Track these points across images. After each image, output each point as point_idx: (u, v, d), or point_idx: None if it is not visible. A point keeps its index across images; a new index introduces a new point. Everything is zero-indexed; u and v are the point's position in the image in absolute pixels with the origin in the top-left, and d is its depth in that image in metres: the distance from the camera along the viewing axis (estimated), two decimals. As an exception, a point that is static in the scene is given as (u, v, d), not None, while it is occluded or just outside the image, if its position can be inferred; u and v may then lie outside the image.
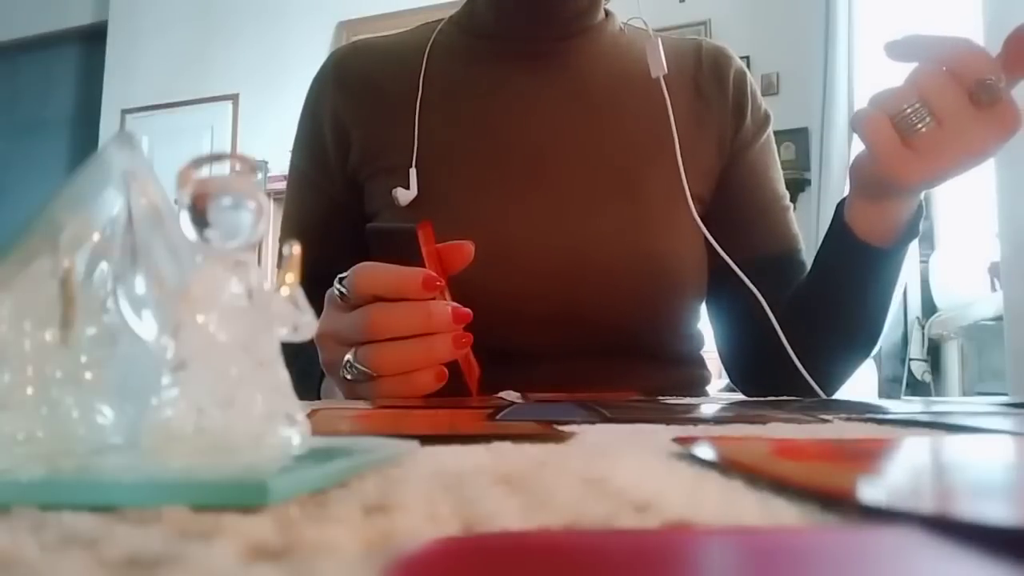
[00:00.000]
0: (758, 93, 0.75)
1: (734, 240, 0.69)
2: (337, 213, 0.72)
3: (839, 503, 0.13)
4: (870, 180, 0.56)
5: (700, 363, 0.74)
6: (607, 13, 0.76)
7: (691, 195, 0.67)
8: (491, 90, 0.70)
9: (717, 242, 0.67)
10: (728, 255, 0.66)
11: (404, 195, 0.66)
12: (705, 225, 0.69)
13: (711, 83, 0.73)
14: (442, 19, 0.77)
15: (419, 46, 0.73)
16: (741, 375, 0.75)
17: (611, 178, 0.67)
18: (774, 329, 0.62)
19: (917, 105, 0.50)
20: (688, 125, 0.70)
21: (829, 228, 0.62)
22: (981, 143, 0.50)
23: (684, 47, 0.75)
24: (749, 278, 0.65)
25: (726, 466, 0.18)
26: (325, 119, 0.73)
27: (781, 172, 0.76)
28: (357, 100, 0.72)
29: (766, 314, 0.62)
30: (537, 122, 0.69)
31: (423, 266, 0.49)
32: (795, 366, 0.61)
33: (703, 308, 0.74)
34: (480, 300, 0.50)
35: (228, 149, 3.65)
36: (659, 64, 0.67)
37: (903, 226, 0.58)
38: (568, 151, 0.68)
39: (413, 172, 0.66)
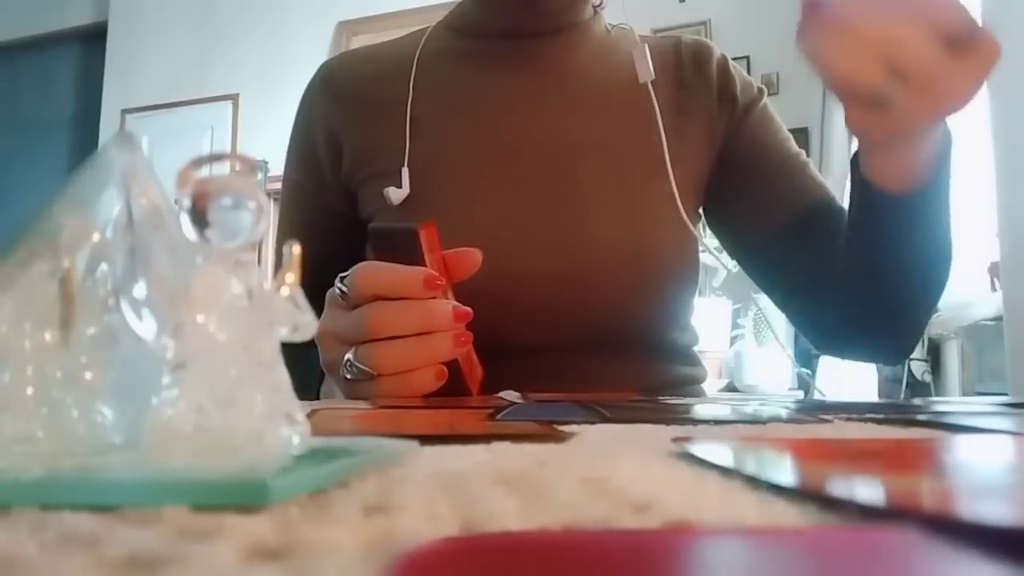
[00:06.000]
0: (744, 74, 0.76)
1: (762, 208, 0.71)
2: (333, 221, 0.73)
3: (839, 503, 0.13)
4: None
5: (695, 360, 0.74)
6: (595, 12, 0.76)
7: (683, 186, 0.67)
8: (480, 91, 0.70)
9: (748, 212, 0.71)
10: (765, 221, 0.70)
11: (396, 194, 0.66)
12: (725, 204, 0.73)
13: (693, 75, 0.73)
14: (429, 25, 0.77)
15: (409, 52, 0.74)
16: (814, 331, 0.75)
17: (601, 175, 0.67)
18: (838, 288, 0.64)
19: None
20: (674, 119, 0.70)
21: (850, 185, 0.60)
22: (962, 90, 0.46)
23: (664, 45, 0.75)
24: (791, 238, 0.68)
25: (727, 466, 0.18)
26: (317, 130, 0.73)
27: (790, 135, 0.76)
28: (348, 108, 0.72)
29: (824, 268, 0.64)
30: (527, 121, 0.69)
31: (424, 266, 0.49)
32: (868, 318, 0.62)
33: (700, 306, 0.75)
34: (473, 298, 0.50)
35: (228, 149, 3.65)
36: (646, 70, 0.68)
37: (929, 163, 0.55)
38: (558, 149, 0.68)
39: (405, 171, 0.67)
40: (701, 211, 0.76)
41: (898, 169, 0.55)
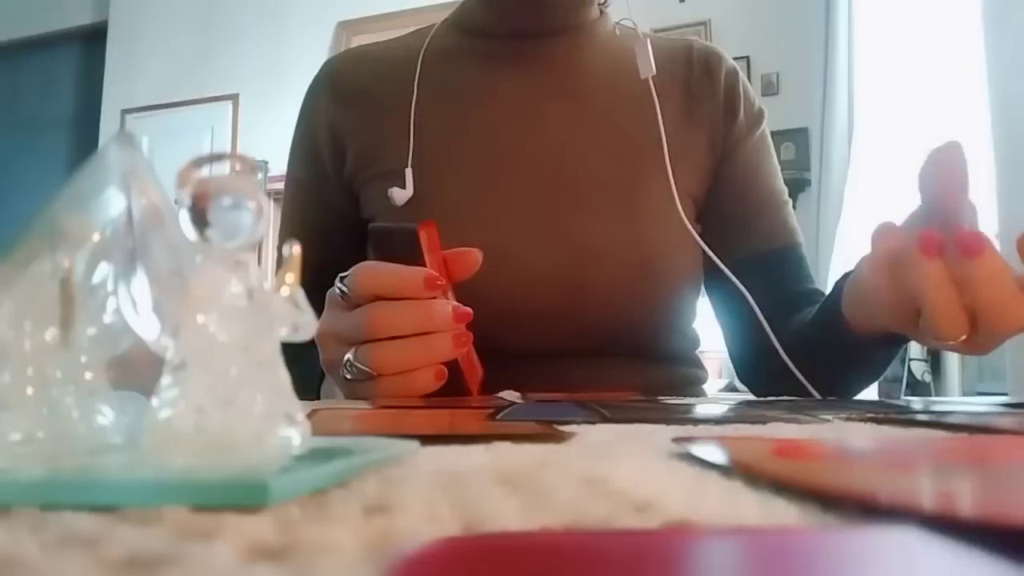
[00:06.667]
0: (751, 91, 0.75)
1: (731, 237, 0.70)
2: (335, 221, 0.73)
3: (839, 503, 0.13)
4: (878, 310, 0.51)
5: (696, 363, 0.74)
6: (601, 12, 0.76)
7: (684, 195, 0.67)
8: (486, 91, 0.70)
9: (715, 239, 0.67)
10: (726, 252, 0.66)
11: (400, 195, 0.66)
12: (702, 222, 0.70)
13: (702, 83, 0.73)
14: (434, 24, 0.77)
15: (413, 51, 0.73)
16: (747, 373, 0.74)
17: (605, 178, 0.67)
18: (774, 329, 0.62)
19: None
20: (679, 125, 0.70)
21: (828, 299, 0.60)
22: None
23: (676, 48, 0.75)
24: (749, 273, 0.65)
25: (727, 466, 0.18)
26: (320, 128, 0.73)
27: (778, 168, 0.75)
28: (351, 108, 0.72)
29: (768, 314, 0.62)
30: (531, 122, 0.69)
31: (424, 266, 0.49)
32: (797, 365, 0.60)
33: (706, 306, 0.74)
34: (475, 300, 0.50)
35: (228, 149, 3.65)
36: (648, 65, 0.67)
37: None
38: (562, 151, 0.68)
39: (409, 172, 0.67)
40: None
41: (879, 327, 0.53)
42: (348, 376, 0.49)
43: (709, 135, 0.72)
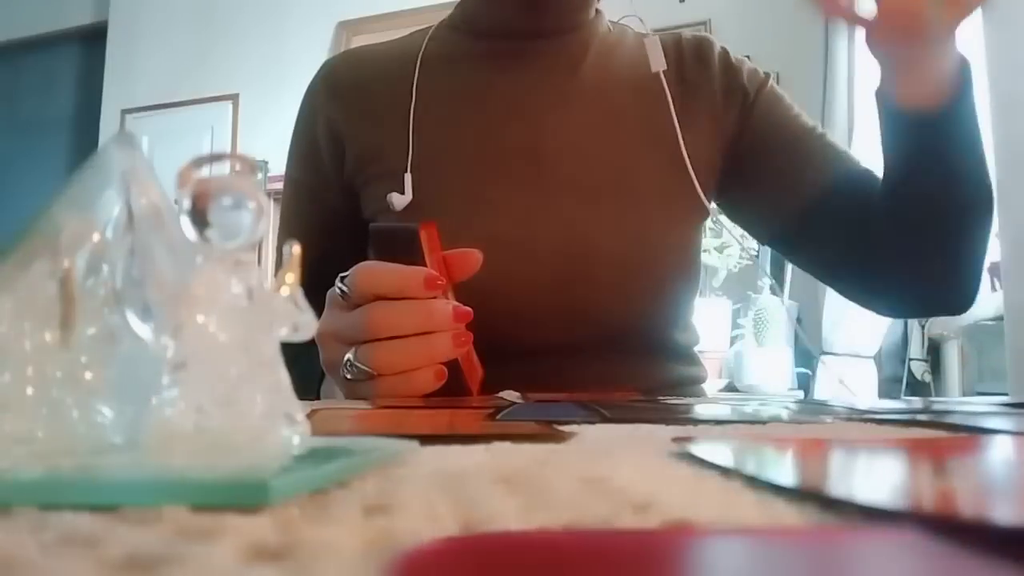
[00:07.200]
0: (745, 62, 0.75)
1: (786, 187, 0.71)
2: (335, 220, 0.73)
3: (839, 503, 0.13)
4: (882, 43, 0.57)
5: (695, 360, 0.74)
6: (597, 11, 0.76)
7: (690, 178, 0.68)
8: (485, 92, 0.70)
9: (777, 194, 0.71)
10: (795, 202, 0.70)
11: (399, 200, 0.66)
12: (748, 190, 0.73)
13: (696, 72, 0.73)
14: (431, 25, 0.77)
15: (411, 52, 0.73)
16: (878, 300, 0.76)
17: (606, 176, 0.67)
18: (885, 245, 0.65)
19: None
20: (680, 117, 0.70)
21: (880, 120, 0.63)
22: None
23: (664, 42, 0.75)
24: (823, 212, 0.69)
25: (727, 466, 0.18)
26: (319, 129, 0.73)
27: (802, 111, 0.76)
28: (350, 108, 0.72)
29: (868, 239, 0.66)
30: (531, 123, 0.69)
31: (425, 265, 0.49)
32: (922, 265, 0.64)
33: (706, 305, 0.75)
34: (477, 299, 0.50)
35: (228, 149, 3.65)
36: (659, 59, 0.68)
37: (951, 83, 0.58)
38: (563, 150, 0.68)
39: (408, 177, 0.66)
40: (715, 205, 0.76)
41: (923, 86, 0.58)
42: (348, 376, 0.49)
43: (709, 120, 0.72)
